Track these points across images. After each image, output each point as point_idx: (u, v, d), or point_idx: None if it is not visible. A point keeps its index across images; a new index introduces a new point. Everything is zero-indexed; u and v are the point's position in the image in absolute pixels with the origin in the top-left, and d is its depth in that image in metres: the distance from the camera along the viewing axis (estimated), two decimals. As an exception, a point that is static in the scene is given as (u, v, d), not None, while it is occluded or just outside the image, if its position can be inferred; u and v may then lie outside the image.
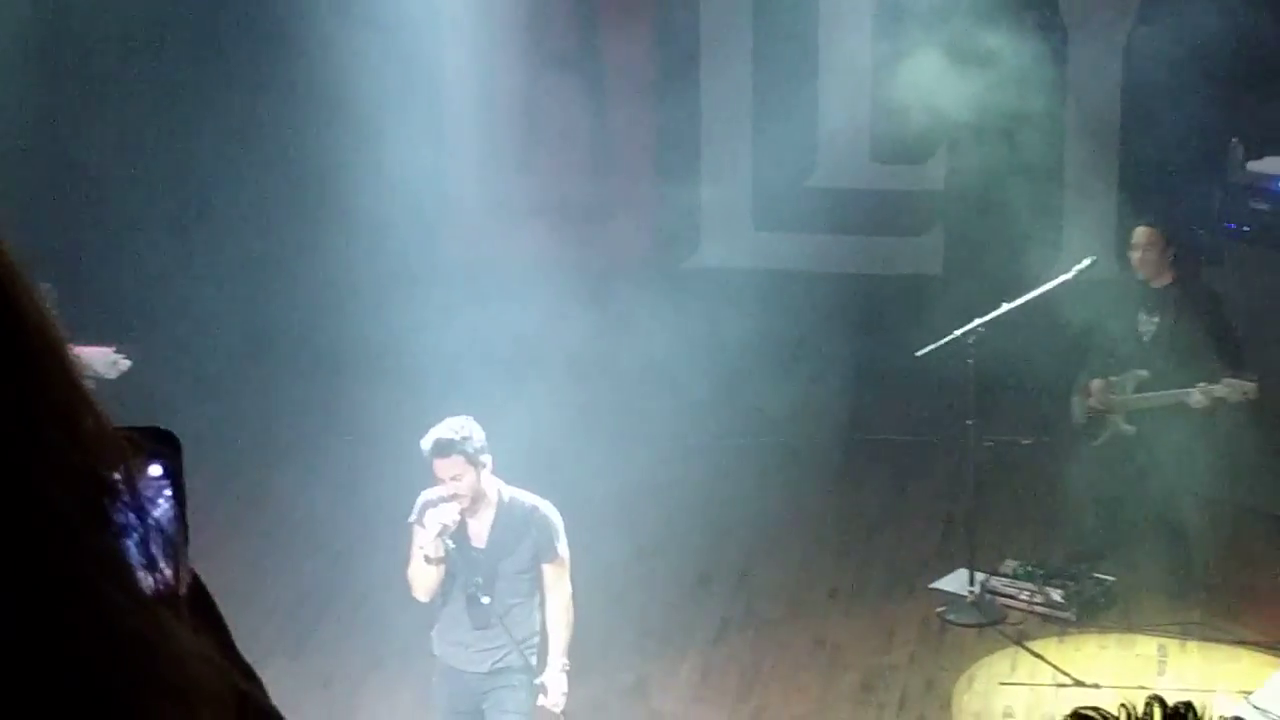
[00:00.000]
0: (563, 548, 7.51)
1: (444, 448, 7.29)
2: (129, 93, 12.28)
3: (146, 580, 1.09)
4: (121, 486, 1.08)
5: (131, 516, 1.08)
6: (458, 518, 7.37)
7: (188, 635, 1.09)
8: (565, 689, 7.52)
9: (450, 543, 7.35)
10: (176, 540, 1.15)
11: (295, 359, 11.86)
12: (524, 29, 12.38)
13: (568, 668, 7.52)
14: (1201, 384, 9.57)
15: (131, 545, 1.08)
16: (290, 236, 12.13)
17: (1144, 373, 9.86)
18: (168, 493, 1.15)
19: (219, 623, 1.24)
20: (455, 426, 7.33)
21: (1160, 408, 9.74)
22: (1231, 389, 9.54)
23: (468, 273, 11.82)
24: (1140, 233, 9.89)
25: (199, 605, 1.20)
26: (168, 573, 1.10)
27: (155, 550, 1.10)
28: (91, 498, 1.07)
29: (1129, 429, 9.93)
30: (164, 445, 1.16)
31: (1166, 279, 9.85)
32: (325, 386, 11.57)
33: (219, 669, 1.08)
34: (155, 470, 1.14)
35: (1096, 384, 10.01)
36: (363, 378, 11.42)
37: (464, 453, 7.29)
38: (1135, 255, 9.85)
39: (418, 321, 10.96)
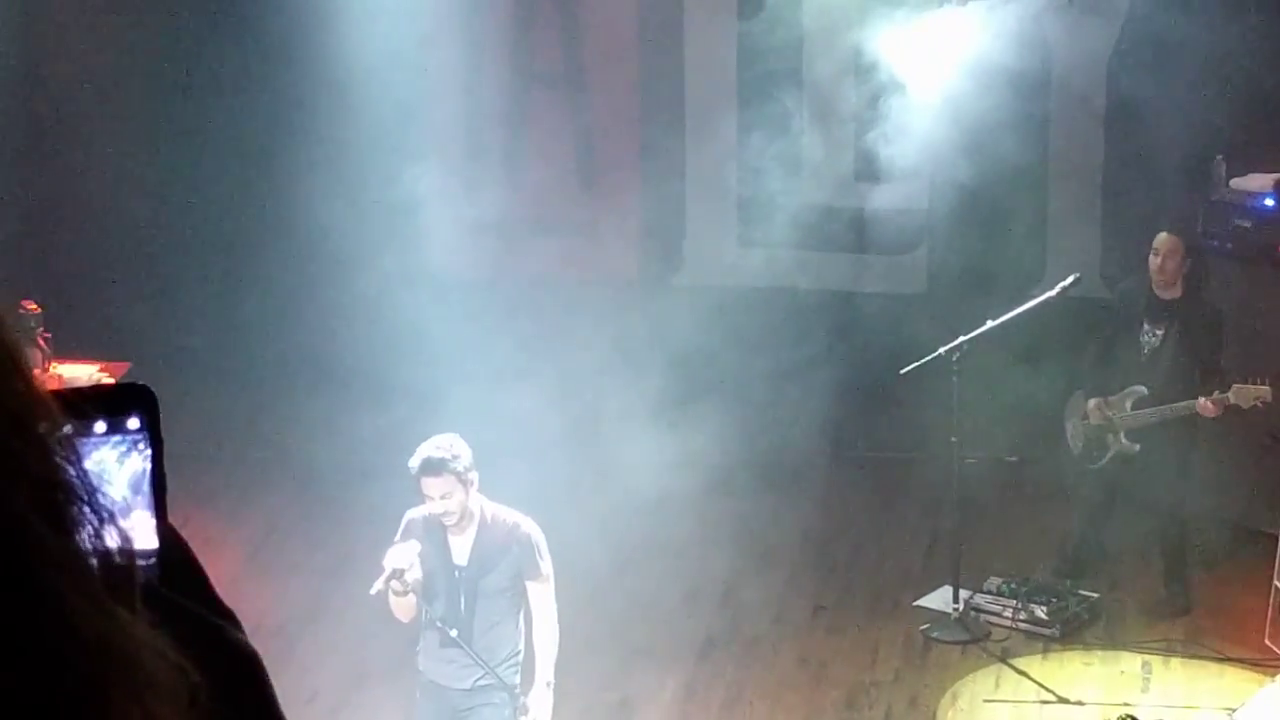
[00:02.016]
0: (546, 565, 7.48)
1: (434, 466, 7.25)
2: (114, 113, 12.26)
3: (94, 554, 1.09)
4: (78, 485, 1.08)
5: (86, 510, 1.08)
6: (415, 560, 7.30)
7: (144, 631, 1.09)
8: (549, 707, 7.50)
9: (400, 585, 7.27)
10: (144, 498, 1.20)
11: (276, 376, 11.84)
12: (509, 46, 12.38)
13: (552, 685, 7.50)
14: (1215, 393, 9.55)
15: (86, 532, 1.09)
16: (274, 255, 12.10)
17: (1142, 389, 9.84)
18: (143, 447, 1.21)
19: (195, 573, 1.28)
20: (444, 445, 7.29)
21: (1163, 422, 9.72)
22: (1243, 394, 9.52)
23: (451, 290, 11.80)
24: (1163, 239, 9.84)
25: (173, 560, 1.23)
26: (117, 560, 1.10)
27: (106, 533, 1.10)
28: (51, 501, 1.07)
29: (1132, 446, 9.90)
30: (140, 398, 1.21)
31: (1177, 291, 9.84)
32: (306, 404, 11.55)
33: (173, 662, 1.09)
34: (134, 423, 1.20)
35: (1093, 404, 9.99)
36: (345, 395, 11.40)
37: (454, 471, 7.25)
38: (1155, 261, 9.81)
39: (399, 338, 10.95)
